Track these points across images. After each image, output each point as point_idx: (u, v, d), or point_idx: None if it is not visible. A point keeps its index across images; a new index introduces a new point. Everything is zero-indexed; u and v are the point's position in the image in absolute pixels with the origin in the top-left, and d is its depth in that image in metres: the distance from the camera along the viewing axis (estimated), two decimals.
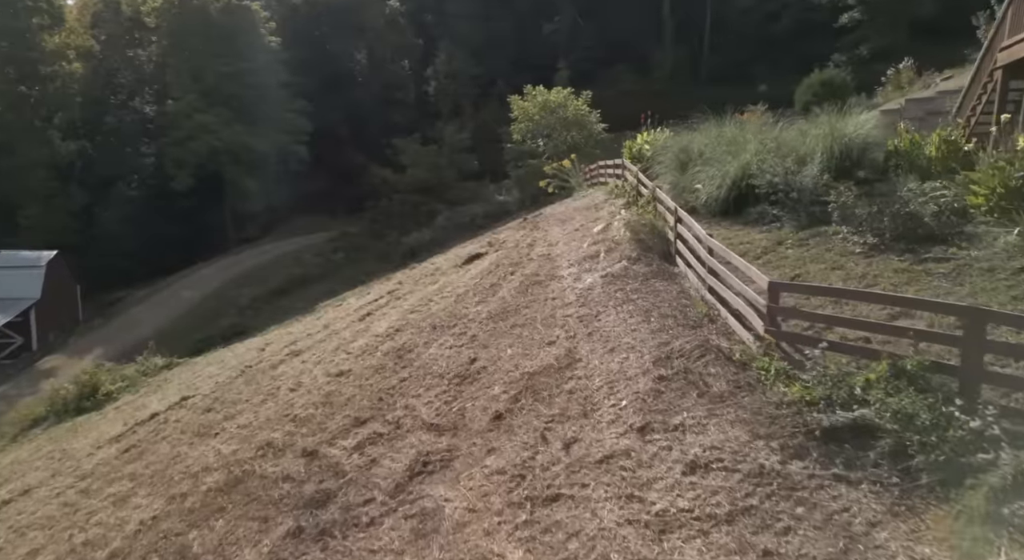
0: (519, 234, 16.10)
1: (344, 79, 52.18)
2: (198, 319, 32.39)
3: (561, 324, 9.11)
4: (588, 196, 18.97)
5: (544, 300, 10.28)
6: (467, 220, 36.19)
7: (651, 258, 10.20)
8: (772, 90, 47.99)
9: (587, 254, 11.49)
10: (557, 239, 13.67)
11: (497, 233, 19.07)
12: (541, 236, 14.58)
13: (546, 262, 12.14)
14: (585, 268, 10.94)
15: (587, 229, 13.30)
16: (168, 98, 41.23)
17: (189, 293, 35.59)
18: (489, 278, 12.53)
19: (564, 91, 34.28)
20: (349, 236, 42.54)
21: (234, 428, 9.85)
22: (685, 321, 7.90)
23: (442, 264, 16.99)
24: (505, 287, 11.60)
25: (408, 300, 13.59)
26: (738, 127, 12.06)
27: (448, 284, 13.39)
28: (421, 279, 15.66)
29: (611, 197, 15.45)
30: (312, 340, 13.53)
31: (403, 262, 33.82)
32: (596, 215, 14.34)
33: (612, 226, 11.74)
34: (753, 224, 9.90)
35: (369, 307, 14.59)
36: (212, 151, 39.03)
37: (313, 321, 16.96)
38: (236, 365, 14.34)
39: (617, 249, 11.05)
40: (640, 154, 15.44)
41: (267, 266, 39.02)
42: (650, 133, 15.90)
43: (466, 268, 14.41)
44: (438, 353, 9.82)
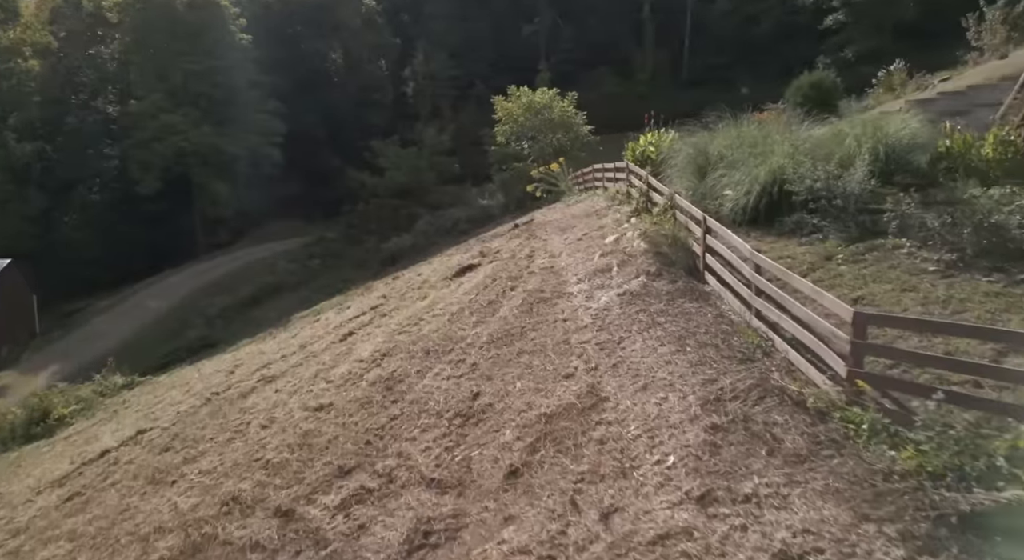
0: (514, 243, 14.85)
1: (319, 79, 50.44)
2: (164, 331, 30.52)
3: (578, 352, 7.87)
4: (584, 201, 17.81)
5: (553, 322, 9.04)
6: (449, 225, 34.84)
7: (674, 273, 9.02)
8: (754, 93, 47.71)
9: (598, 268, 10.28)
10: (559, 249, 12.45)
11: (488, 241, 17.80)
12: (540, 246, 13.34)
13: (550, 276, 10.91)
14: (597, 284, 9.73)
15: (593, 239, 12.11)
16: (132, 98, 39.12)
17: (155, 303, 33.62)
18: (486, 294, 11.26)
19: (549, 92, 33.19)
20: (326, 242, 40.85)
21: (195, 475, 8.42)
22: (731, 353, 6.71)
23: (429, 275, 15.66)
24: (506, 305, 10.33)
25: (394, 318, 12.25)
26: (759, 127, 10.97)
27: (439, 300, 12.08)
28: (407, 293, 14.32)
29: (614, 203, 14.30)
30: (287, 364, 12.10)
31: (382, 269, 32.45)
32: (600, 223, 13.16)
33: (625, 237, 10.55)
34: (790, 235, 8.78)
35: (350, 325, 13.21)
36: (179, 153, 37.04)
37: (288, 339, 15.50)
38: (201, 391, 12.84)
39: (632, 262, 9.86)
40: (644, 157, 14.30)
41: (239, 273, 37.15)
42: (654, 134, 14.78)
43: (458, 281, 13.11)
44: (434, 385, 8.52)
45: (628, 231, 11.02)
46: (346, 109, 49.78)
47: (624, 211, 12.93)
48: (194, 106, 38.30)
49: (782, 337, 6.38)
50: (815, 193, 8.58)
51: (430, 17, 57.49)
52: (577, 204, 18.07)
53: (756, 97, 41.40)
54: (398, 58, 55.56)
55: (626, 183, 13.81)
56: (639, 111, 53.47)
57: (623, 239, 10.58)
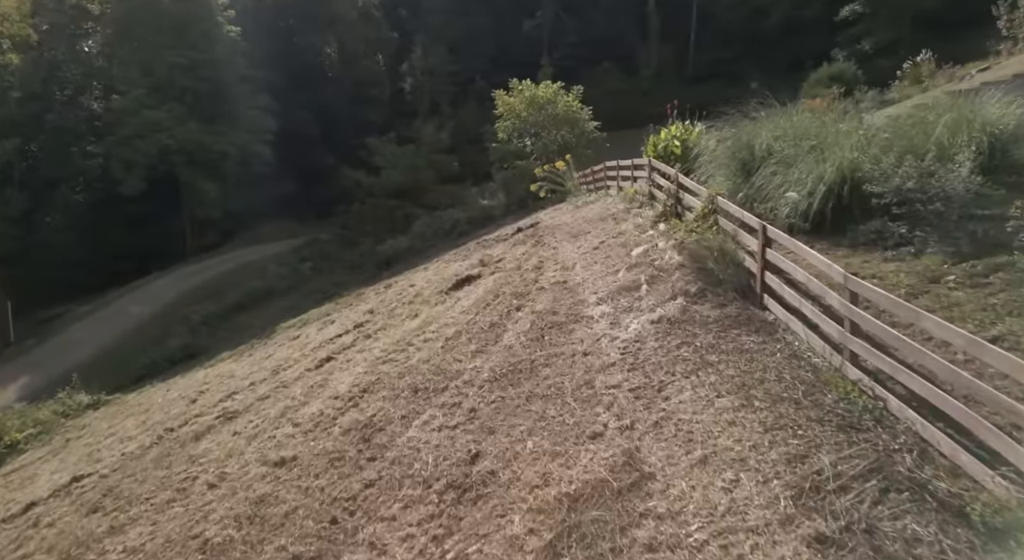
0: (519, 251, 13.08)
1: (313, 75, 48.58)
2: (145, 339, 28.70)
3: (606, 401, 6.09)
4: (596, 203, 16.04)
5: (571, 356, 7.26)
6: (448, 226, 33.05)
7: (722, 295, 7.24)
8: (763, 88, 45.84)
9: (623, 285, 8.50)
10: (572, 260, 10.67)
11: (489, 247, 16.02)
12: (549, 255, 11.56)
13: (564, 294, 9.13)
14: (624, 306, 7.95)
15: (612, 248, 10.33)
16: (115, 93, 37.26)
17: (137, 309, 31.80)
18: (488, 314, 9.47)
19: (553, 85, 31.44)
20: (318, 244, 39.00)
21: (117, 554, 6.63)
22: (821, 414, 4.93)
23: (423, 287, 13.88)
24: (511, 330, 8.55)
25: (380, 341, 10.46)
26: (814, 116, 9.20)
27: (432, 320, 10.30)
28: (397, 308, 12.53)
29: (632, 205, 12.52)
30: (254, 394, 10.32)
31: (377, 273, 30.84)
32: (618, 229, 11.37)
33: (656, 247, 8.77)
34: (868, 247, 6.98)
35: (330, 347, 11.43)
36: (164, 151, 35.15)
37: (261, 360, 13.70)
38: (156, 424, 11.06)
39: (665, 279, 8.09)
40: (668, 152, 12.52)
41: (226, 277, 35.29)
42: (679, 127, 12.98)
43: (454, 296, 11.33)
44: (421, 438, 6.73)
45: (658, 240, 9.25)
46: (341, 106, 47.97)
47: (647, 215, 11.15)
48: (179, 102, 36.40)
49: (899, 397, 4.59)
50: (903, 194, 6.79)
51: (429, 11, 55.68)
52: (587, 206, 16.30)
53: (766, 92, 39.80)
54: (395, 53, 53.67)
55: (647, 182, 12.02)
56: (644, 108, 51.91)
57: (653, 250, 8.80)
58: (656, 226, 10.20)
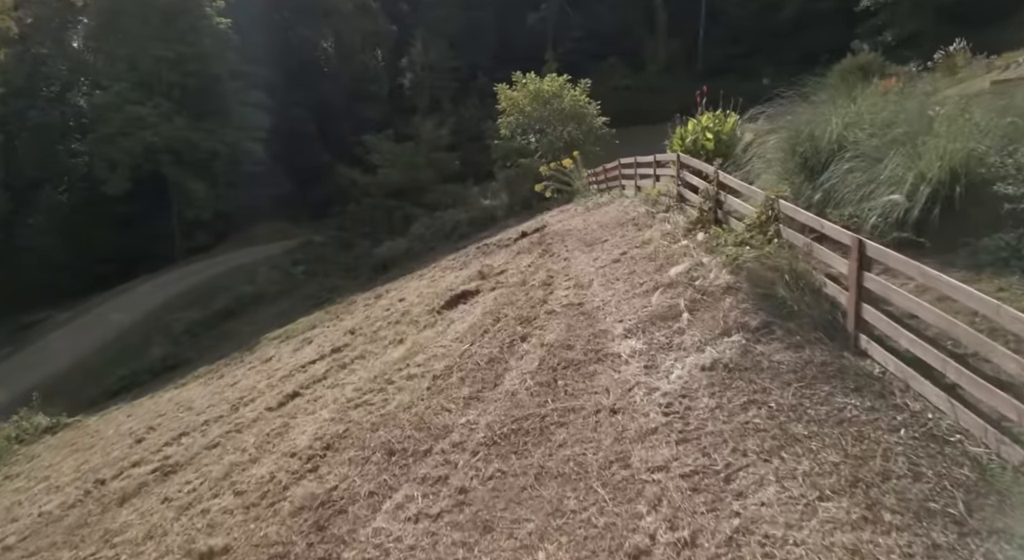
0: (523, 261, 11.26)
1: (308, 70, 46.71)
2: (126, 348, 26.98)
3: (650, 494, 4.27)
4: (610, 205, 14.21)
5: (595, 412, 5.45)
6: (448, 228, 31.34)
7: (798, 333, 5.41)
8: (776, 83, 43.97)
9: (656, 312, 6.68)
10: (587, 275, 8.85)
11: (490, 254, 14.23)
12: (559, 268, 9.74)
13: (580, 320, 7.32)
14: (660, 342, 6.13)
15: (637, 261, 8.51)
16: (99, 88, 35.51)
17: (119, 316, 30.06)
18: (486, 343, 7.67)
19: (559, 79, 29.72)
20: (312, 246, 37.22)
21: None
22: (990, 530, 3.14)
23: (413, 302, 12.08)
24: (515, 369, 6.75)
25: (356, 373, 8.67)
26: (896, 99, 7.38)
27: (419, 348, 8.50)
28: (381, 329, 10.72)
29: (657, 209, 10.68)
30: (203, 439, 8.53)
31: (373, 276, 29.26)
32: (642, 237, 9.54)
33: (700, 263, 6.95)
34: (1000, 269, 5.16)
35: (300, 378, 9.63)
36: (149, 149, 33.40)
37: (225, 388, 11.87)
38: (93, 470, 9.29)
39: (713, 306, 6.27)
40: (698, 147, 10.69)
41: (215, 282, 33.57)
42: (710, 117, 11.14)
43: (447, 317, 9.53)
44: (392, 531, 4.91)
45: (696, 253, 7.43)
46: (338, 102, 46.13)
47: (677, 221, 9.32)
48: (166, 97, 34.60)
49: None
50: None
51: (429, 4, 53.74)
52: (600, 208, 14.48)
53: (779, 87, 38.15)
54: (394, 47, 51.72)
55: (675, 181, 10.19)
56: (651, 104, 50.05)
57: (696, 267, 6.97)
58: (691, 235, 8.39)
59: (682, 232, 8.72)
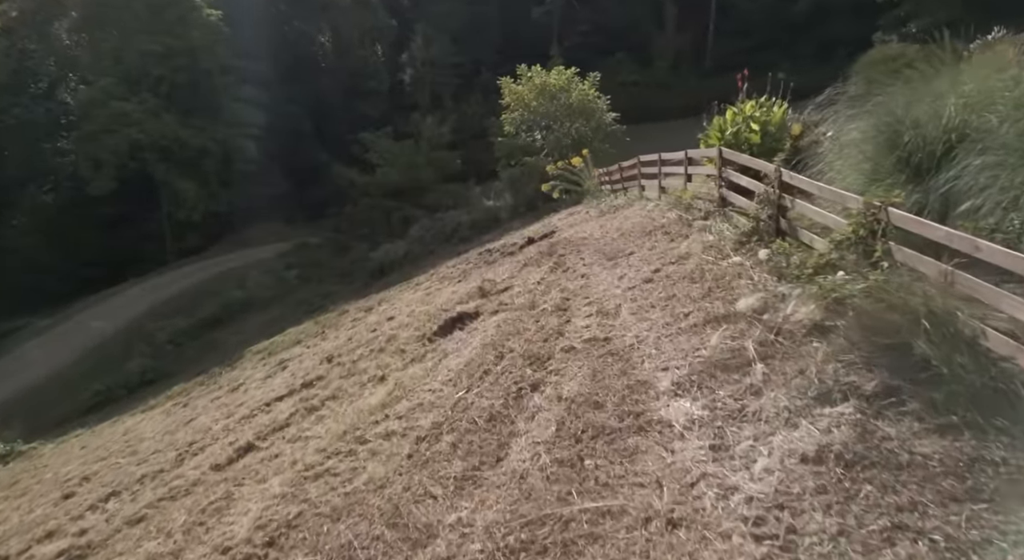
0: (532, 276, 9.52)
1: (305, 65, 45.02)
2: (105, 359, 25.36)
3: None
4: (629, 208, 12.47)
5: (644, 520, 3.69)
6: (449, 230, 29.59)
7: (949, 407, 3.67)
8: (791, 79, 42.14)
9: (714, 358, 4.92)
10: (612, 298, 7.10)
11: (493, 264, 12.52)
12: (576, 287, 7.99)
13: (609, 363, 5.58)
14: (728, 406, 4.38)
15: (676, 283, 6.75)
16: (85, 83, 33.87)
17: (100, 323, 28.41)
18: (485, 391, 5.93)
19: (567, 72, 28.02)
20: (307, 249, 35.56)
21: None
22: None
23: (403, 322, 10.35)
24: (524, 433, 5.00)
25: (325, 422, 6.95)
26: None
27: (403, 391, 6.78)
28: (362, 358, 8.99)
29: (691, 215, 8.93)
30: (132, 506, 6.80)
31: (369, 282, 27.67)
32: (678, 249, 7.79)
33: (769, 290, 5.19)
34: None
35: (259, 422, 7.91)
36: (135, 147, 31.75)
37: (178, 427, 10.08)
38: (1, 537, 7.62)
39: (795, 352, 4.53)
40: (740, 141, 8.94)
41: (204, 286, 31.96)
42: (754, 105, 9.38)
43: (439, 348, 7.80)
44: None
45: (762, 276, 5.68)
46: (335, 99, 44.45)
47: (722, 231, 7.57)
48: (153, 93, 32.96)
49: None
50: None
51: None
52: (618, 212, 12.74)
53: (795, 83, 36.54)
54: (394, 42, 49.98)
55: (716, 182, 8.43)
56: (660, 101, 47.90)
57: (767, 297, 5.22)
58: (744, 250, 6.65)
59: (731, 245, 6.97)
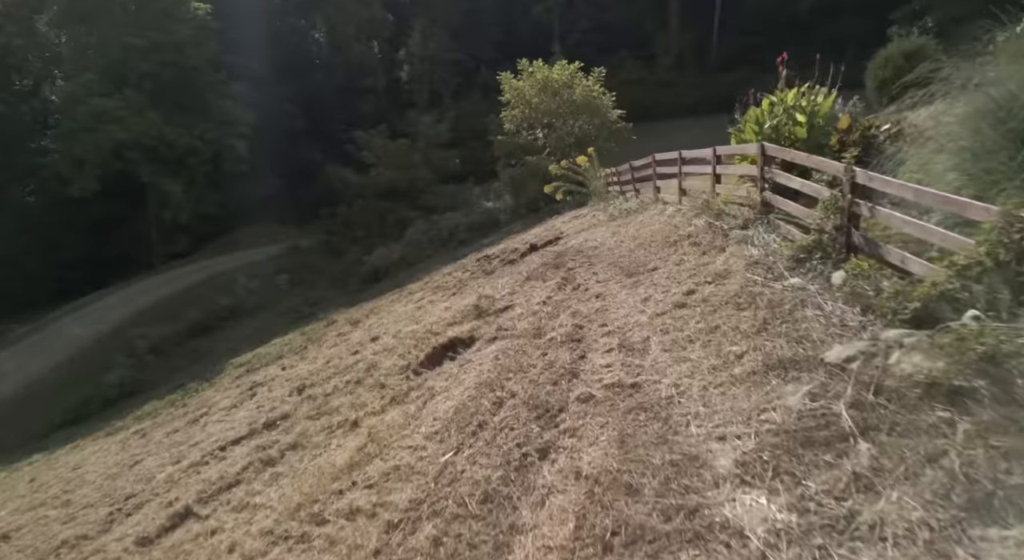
0: (536, 292, 8.16)
1: (298, 61, 43.58)
2: (82, 369, 23.97)
3: None
4: (644, 213, 11.12)
5: None
6: (446, 233, 28.41)
7: None
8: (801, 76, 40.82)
9: (791, 424, 3.58)
10: (636, 326, 5.74)
11: (492, 274, 11.16)
12: (591, 309, 6.63)
13: (641, 422, 4.22)
14: (827, 512, 3.00)
15: (719, 309, 5.38)
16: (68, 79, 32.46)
17: (80, 331, 27.06)
18: (479, 454, 4.58)
19: (570, 67, 26.79)
20: (298, 252, 34.23)
21: None
22: None
23: (388, 344, 8.98)
24: (529, 533, 3.64)
25: (280, 482, 5.60)
26: None
27: (377, 447, 5.42)
28: (337, 393, 7.62)
29: (723, 222, 7.57)
30: None
31: (362, 287, 26.56)
32: (713, 265, 6.43)
33: (886, 342, 3.83)
34: None
35: (207, 479, 6.57)
36: (118, 145, 30.37)
37: (124, 470, 8.72)
38: None
39: (913, 425, 3.18)
40: (781, 135, 7.58)
41: (191, 292, 30.61)
42: (795, 94, 8.01)
43: (425, 385, 6.45)
44: None
45: (841, 308, 4.32)
46: (330, 96, 43.07)
47: (769, 243, 6.21)
48: (137, 89, 31.57)
49: None
50: None
51: None
52: (632, 217, 11.38)
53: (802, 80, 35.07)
54: (392, 38, 48.67)
55: (756, 183, 7.07)
56: (663, 100, 46.37)
57: (862, 341, 3.87)
58: (806, 269, 5.29)
59: (785, 263, 5.62)
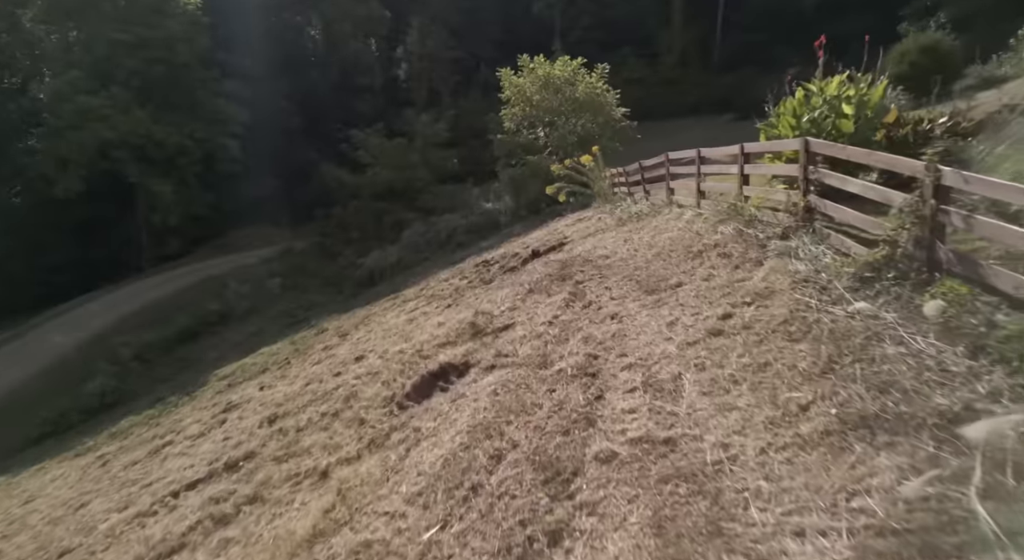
0: (541, 310, 7.12)
1: (294, 59, 42.47)
2: (62, 379, 22.89)
3: None
4: (656, 216, 10.09)
5: None
6: (444, 236, 27.40)
7: None
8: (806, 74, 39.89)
9: (900, 519, 2.59)
10: (664, 358, 4.72)
11: (490, 285, 10.14)
12: (607, 334, 5.61)
13: (684, 500, 3.21)
14: None
15: (762, 337, 4.35)
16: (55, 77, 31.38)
17: (61, 338, 26.01)
18: (470, 533, 3.56)
19: (572, 63, 25.82)
20: (292, 255, 33.18)
21: None
22: None
23: (372, 367, 7.96)
24: None
25: (229, 553, 4.58)
26: None
27: (346, 511, 4.39)
28: (310, 427, 6.60)
29: (756, 229, 6.55)
30: None
31: (356, 292, 25.60)
32: (752, 282, 5.41)
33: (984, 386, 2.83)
34: None
35: (152, 537, 5.57)
36: (103, 145, 29.28)
37: (68, 513, 7.64)
38: None
39: None
40: (823, 129, 6.55)
41: (181, 296, 29.56)
42: (840, 82, 6.99)
43: (411, 423, 5.41)
44: None
45: (959, 357, 3.31)
46: (326, 94, 42.03)
47: (820, 256, 5.19)
48: (124, 86, 30.49)
49: None
50: None
51: None
52: (644, 221, 10.35)
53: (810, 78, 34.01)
54: (389, 35, 47.60)
55: (800, 185, 6.04)
56: (666, 98, 45.20)
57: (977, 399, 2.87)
58: (875, 292, 4.27)
59: (846, 282, 4.60)
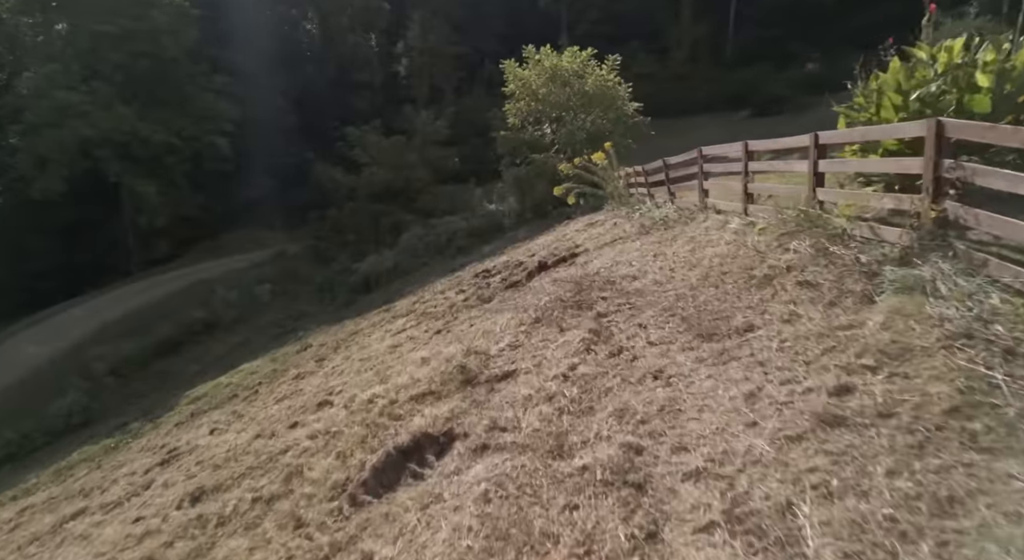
0: (552, 353, 5.34)
1: (289, 53, 40.86)
2: (31, 394, 21.30)
3: None
4: (689, 224, 8.32)
5: None
6: (444, 240, 25.71)
7: None
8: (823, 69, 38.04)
9: None
10: (754, 464, 3.00)
11: (490, 307, 8.39)
12: (649, 404, 3.86)
13: None
14: None
15: (906, 428, 2.64)
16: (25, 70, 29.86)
17: (35, 349, 24.42)
18: None
19: (582, 54, 24.07)
20: (284, 259, 31.55)
21: None
22: None
23: (333, 420, 6.17)
24: None
25: None
26: None
27: None
28: (235, 518, 4.87)
29: (852, 250, 4.77)
30: None
31: (350, 300, 24.03)
32: (870, 330, 3.65)
33: None
34: None
35: None
36: (84, 143, 27.69)
37: None
38: None
39: None
40: (943, 106, 4.75)
41: (164, 304, 27.95)
42: (959, 47, 5.21)
43: (361, 545, 3.65)
44: None
45: None
46: (322, 91, 40.40)
47: (970, 291, 3.42)
48: (107, 81, 28.88)
49: None
50: None
51: None
52: (673, 229, 8.56)
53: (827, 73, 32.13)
54: (389, 30, 45.94)
55: (927, 187, 4.25)
56: (676, 94, 43.04)
57: None
58: None
59: None
